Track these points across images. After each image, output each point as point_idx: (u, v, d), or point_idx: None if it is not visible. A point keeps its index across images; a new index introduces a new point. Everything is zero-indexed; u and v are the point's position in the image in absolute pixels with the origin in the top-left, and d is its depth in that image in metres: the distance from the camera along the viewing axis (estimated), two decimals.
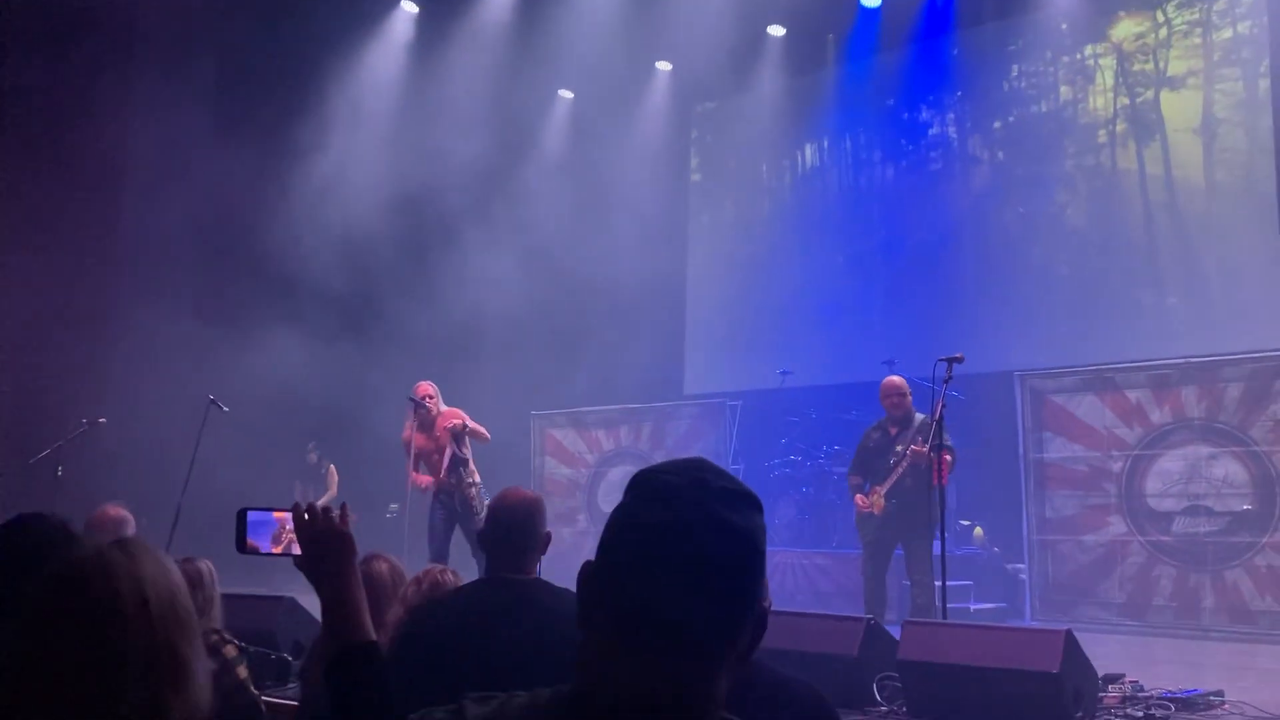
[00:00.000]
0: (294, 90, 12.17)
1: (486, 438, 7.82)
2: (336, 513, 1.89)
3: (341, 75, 12.49)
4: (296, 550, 1.95)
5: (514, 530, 2.87)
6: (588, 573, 1.19)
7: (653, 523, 1.14)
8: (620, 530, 1.17)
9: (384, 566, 3.39)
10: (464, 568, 5.29)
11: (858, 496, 7.33)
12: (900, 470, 7.03)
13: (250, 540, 2.01)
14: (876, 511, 7.18)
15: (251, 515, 2.02)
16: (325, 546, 1.83)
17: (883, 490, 7.16)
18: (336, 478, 12.10)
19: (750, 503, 1.17)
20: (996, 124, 11.67)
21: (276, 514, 2.01)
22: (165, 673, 1.49)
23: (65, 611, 1.49)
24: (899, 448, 7.16)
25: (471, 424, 7.69)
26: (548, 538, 2.93)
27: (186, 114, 11.48)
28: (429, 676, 2.65)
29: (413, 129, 12.35)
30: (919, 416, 7.26)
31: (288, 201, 11.60)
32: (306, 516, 1.88)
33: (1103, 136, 10.90)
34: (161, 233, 11.71)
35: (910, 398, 7.36)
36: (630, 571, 1.13)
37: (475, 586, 2.94)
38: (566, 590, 2.85)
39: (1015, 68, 11.59)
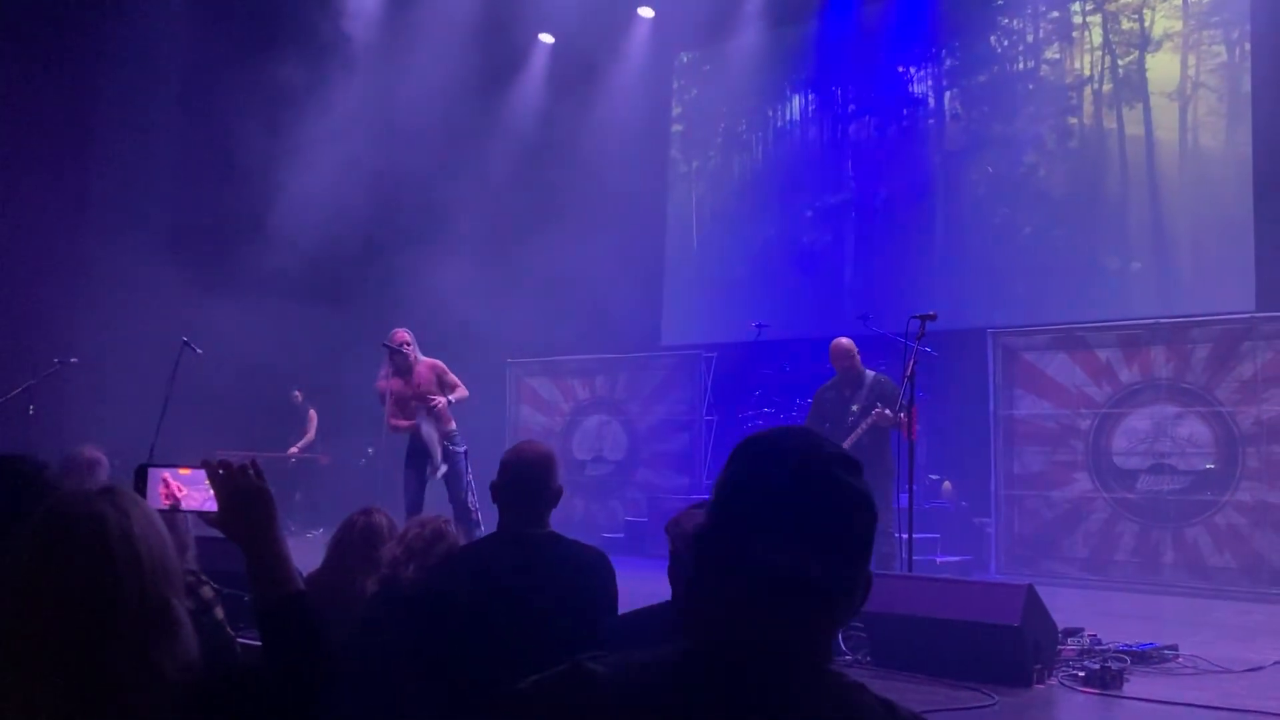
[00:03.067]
0: (272, 32, 11.95)
1: (465, 396, 7.82)
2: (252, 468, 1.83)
3: (323, 14, 12.27)
4: (187, 504, 1.92)
5: (529, 485, 2.89)
6: (702, 534, 1.21)
7: (775, 484, 1.16)
8: (740, 492, 1.19)
9: (383, 519, 3.45)
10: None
11: None
12: (860, 431, 7.15)
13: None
14: None
15: (152, 472, 1.92)
16: (245, 504, 1.79)
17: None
18: (315, 422, 12.13)
19: (859, 468, 1.21)
20: (981, 78, 11.58)
21: (181, 470, 1.92)
22: (157, 627, 1.51)
23: (57, 570, 1.49)
24: (855, 407, 7.27)
25: (454, 396, 7.67)
26: (560, 492, 2.95)
27: (162, 55, 11.27)
28: (454, 632, 2.68)
29: (391, 73, 12.19)
30: (870, 374, 7.40)
31: (264, 146, 11.44)
32: (221, 473, 1.81)
33: (1087, 95, 10.89)
34: (137, 172, 11.55)
35: (859, 357, 7.45)
36: (754, 532, 1.15)
37: (491, 541, 2.96)
38: (578, 542, 2.89)
39: (1000, 22, 11.53)
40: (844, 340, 7.57)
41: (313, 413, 12.09)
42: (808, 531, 1.14)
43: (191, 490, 1.92)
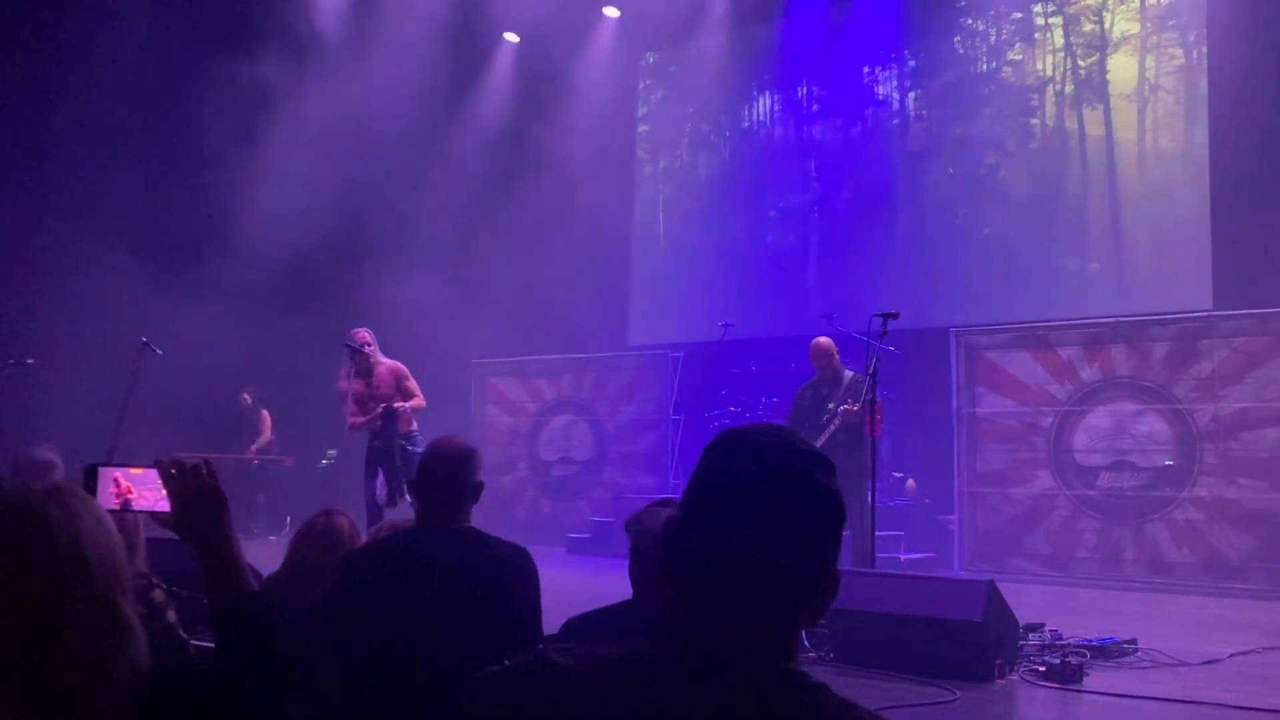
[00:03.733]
0: (237, 29, 11.81)
1: (421, 406, 7.75)
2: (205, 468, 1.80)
3: (292, 13, 12.15)
4: (139, 505, 1.89)
5: (446, 479, 2.87)
6: (673, 526, 1.21)
7: (748, 478, 1.17)
8: (713, 484, 1.19)
9: (344, 521, 3.41)
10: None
11: None
12: (832, 428, 7.16)
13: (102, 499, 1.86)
14: None
15: (103, 471, 1.89)
16: (199, 504, 1.77)
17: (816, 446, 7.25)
18: (269, 422, 12.02)
19: (832, 468, 1.21)
20: (944, 79, 11.67)
21: (133, 469, 1.90)
22: (106, 631, 1.47)
23: (1, 573, 1.46)
24: (831, 405, 7.30)
25: (410, 405, 7.59)
26: (480, 487, 2.93)
27: (125, 53, 11.10)
28: (364, 622, 2.67)
29: (354, 73, 12.10)
30: (848, 374, 7.43)
31: (228, 149, 11.31)
32: (174, 472, 1.79)
33: (1049, 96, 11.00)
34: (98, 172, 11.38)
35: (838, 357, 7.48)
36: (725, 523, 1.15)
37: (407, 534, 2.94)
38: (497, 539, 2.87)
39: (963, 23, 11.62)
40: (823, 339, 7.60)
41: (265, 413, 11.99)
42: (777, 525, 1.15)
43: (143, 490, 1.89)
